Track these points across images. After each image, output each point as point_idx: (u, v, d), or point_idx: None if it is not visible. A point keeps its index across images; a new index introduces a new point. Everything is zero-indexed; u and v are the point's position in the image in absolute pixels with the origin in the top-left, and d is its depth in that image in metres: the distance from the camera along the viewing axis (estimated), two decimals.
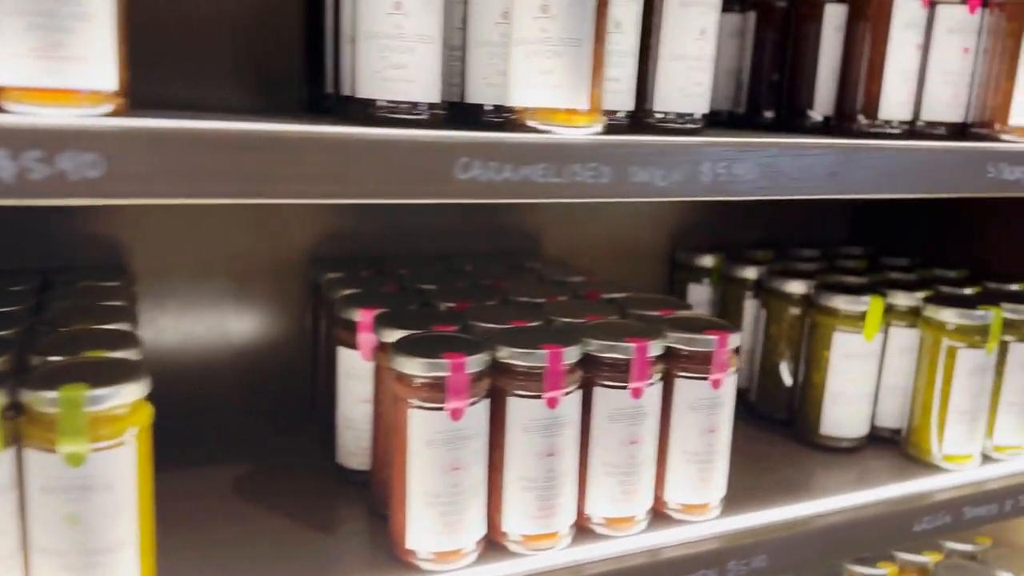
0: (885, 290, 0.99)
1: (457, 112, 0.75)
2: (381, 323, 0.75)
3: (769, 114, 1.05)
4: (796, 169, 0.70)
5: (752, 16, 1.07)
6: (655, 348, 0.74)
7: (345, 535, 0.77)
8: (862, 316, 0.95)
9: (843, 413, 0.98)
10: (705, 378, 0.77)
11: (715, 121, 1.13)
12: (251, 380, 1.03)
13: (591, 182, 0.63)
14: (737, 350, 0.80)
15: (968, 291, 1.02)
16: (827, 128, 0.94)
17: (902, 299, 0.98)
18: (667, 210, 1.27)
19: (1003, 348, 0.95)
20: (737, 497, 0.85)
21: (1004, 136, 0.90)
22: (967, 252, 1.18)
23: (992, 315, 0.91)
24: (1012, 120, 0.89)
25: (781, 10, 1.02)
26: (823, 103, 0.96)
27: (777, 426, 1.06)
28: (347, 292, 0.86)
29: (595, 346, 0.73)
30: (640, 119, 0.79)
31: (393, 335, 0.73)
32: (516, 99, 0.66)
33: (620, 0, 0.74)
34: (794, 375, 1.05)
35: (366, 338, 0.79)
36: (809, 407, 1.00)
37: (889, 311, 0.99)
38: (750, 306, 1.11)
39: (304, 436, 0.96)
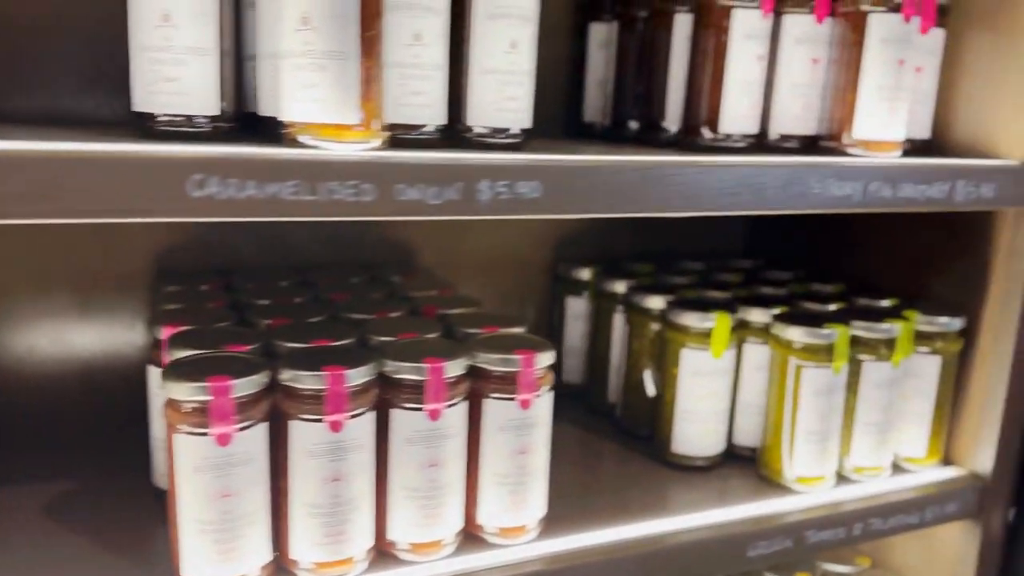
0: (738, 306, 0.97)
1: (255, 125, 0.73)
2: (174, 343, 0.73)
3: (634, 126, 1.03)
4: (586, 187, 0.68)
5: (615, 26, 1.05)
6: (455, 368, 0.72)
7: (143, 557, 0.74)
8: (710, 333, 0.93)
9: (694, 431, 0.96)
10: (513, 399, 0.75)
11: (588, 133, 1.12)
12: (96, 396, 1.00)
13: (352, 200, 0.61)
14: (553, 368, 0.78)
15: (833, 307, 1.00)
16: (678, 141, 0.92)
17: (757, 316, 0.96)
18: (554, 222, 1.24)
19: (857, 367, 0.93)
20: (570, 517, 0.83)
21: (850, 149, 0.87)
22: (852, 266, 1.16)
23: (837, 333, 0.89)
24: (856, 133, 0.87)
25: (642, 20, 1.00)
26: (675, 116, 0.93)
27: (640, 443, 1.03)
28: (167, 307, 0.84)
29: (390, 367, 0.71)
30: (457, 133, 0.77)
31: (181, 354, 0.71)
32: (286, 114, 0.64)
33: (419, 12, 0.72)
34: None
35: (168, 357, 0.76)
36: (662, 425, 0.98)
37: (744, 327, 0.97)
38: (619, 320, 1.09)
39: (139, 454, 0.93)
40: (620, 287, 1.09)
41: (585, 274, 1.16)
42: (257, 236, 1.06)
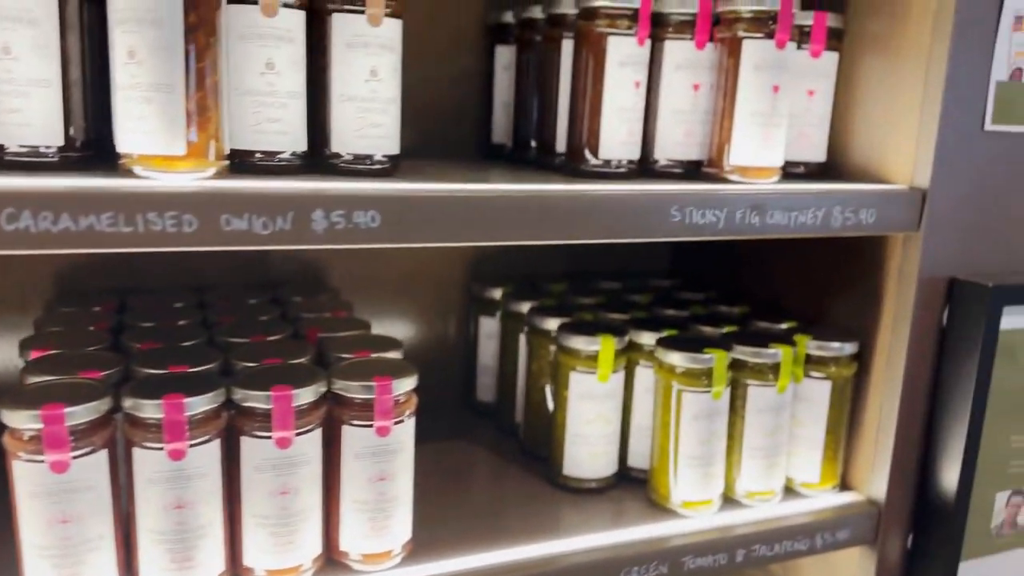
0: (629, 329, 0.97)
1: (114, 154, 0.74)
2: (29, 368, 0.74)
3: (534, 148, 1.03)
4: (425, 217, 0.68)
5: (514, 49, 1.05)
6: (305, 395, 0.72)
7: None
8: (596, 356, 0.93)
9: (584, 454, 0.95)
10: (370, 426, 0.75)
11: (497, 154, 1.12)
12: None
13: (173, 231, 0.61)
14: (415, 393, 0.78)
15: (726, 330, 1.00)
16: (565, 166, 0.92)
17: (647, 339, 0.96)
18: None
19: (743, 392, 0.93)
20: (445, 541, 0.84)
21: (728, 175, 0.87)
22: (764, 287, 1.16)
23: (715, 358, 0.88)
24: (733, 159, 0.87)
25: (536, 44, 1.01)
26: (563, 140, 0.94)
27: (540, 464, 1.03)
28: (43, 331, 0.85)
29: (239, 394, 0.72)
30: (322, 160, 0.78)
31: (36, 380, 0.71)
32: (120, 145, 0.65)
33: (271, 41, 0.72)
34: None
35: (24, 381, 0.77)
36: (555, 447, 0.98)
37: (635, 350, 0.97)
38: (523, 341, 1.09)
39: None
40: (524, 307, 1.09)
41: (496, 294, 1.16)
42: (162, 255, 1.06)
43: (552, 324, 1.01)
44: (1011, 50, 0.90)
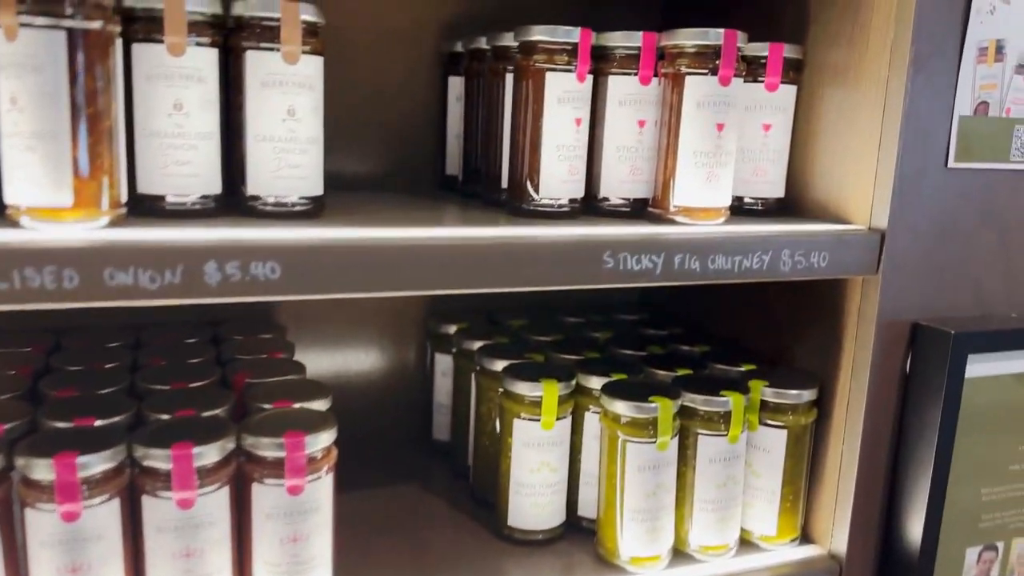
0: (577, 372, 0.93)
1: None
2: None
3: (483, 183, 1.00)
4: (325, 268, 0.64)
5: (462, 81, 1.02)
6: (210, 453, 0.69)
7: None
8: (540, 402, 0.89)
9: (528, 504, 0.91)
10: (280, 484, 0.71)
11: (450, 186, 1.09)
12: None
13: (52, 287, 0.58)
14: (331, 449, 0.74)
15: (680, 373, 0.95)
16: (507, 203, 0.89)
17: (596, 383, 0.92)
18: None
19: (693, 441, 0.88)
20: None
21: (673, 216, 0.83)
22: (728, 325, 1.11)
23: (659, 407, 0.84)
24: (677, 199, 0.83)
25: (483, 75, 0.97)
26: (506, 177, 0.90)
27: (490, 512, 0.99)
28: None
29: (140, 452, 0.68)
30: (239, 203, 0.75)
31: None
32: (6, 196, 0.62)
33: (180, 81, 0.69)
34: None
35: None
36: (499, 496, 0.94)
37: (584, 394, 0.93)
38: (474, 382, 1.05)
39: None
40: (477, 345, 1.05)
41: (452, 329, 1.12)
42: None
43: (500, 365, 0.97)
44: (975, 83, 0.86)
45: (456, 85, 1.05)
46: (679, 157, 0.82)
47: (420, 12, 1.12)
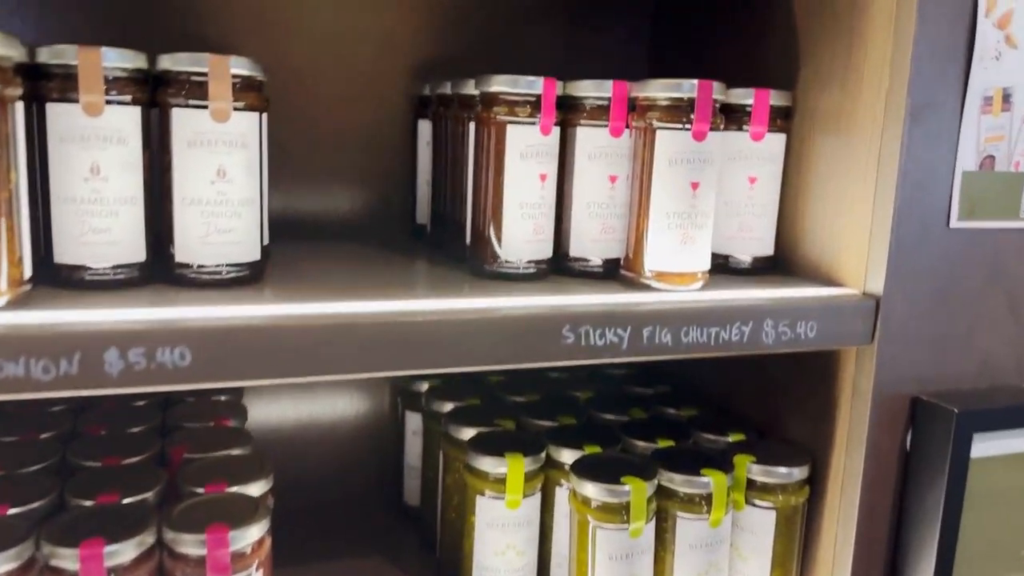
0: (547, 445, 0.85)
1: None
2: None
3: (449, 233, 0.93)
4: (241, 353, 0.58)
5: (429, 126, 0.96)
6: (126, 551, 0.62)
7: None
8: (505, 479, 0.82)
9: None
10: None
11: (420, 234, 1.03)
12: None
13: None
14: (263, 541, 0.68)
15: (661, 444, 0.88)
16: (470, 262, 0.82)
17: (568, 456, 0.85)
18: None
19: (672, 524, 0.81)
20: None
21: (647, 282, 0.76)
22: (719, 385, 1.03)
23: (631, 491, 0.77)
24: (649, 263, 0.76)
25: (450, 122, 0.91)
26: (470, 233, 0.84)
27: None
28: None
29: (46, 550, 0.62)
30: (166, 271, 0.69)
31: None
32: None
33: (96, 143, 0.64)
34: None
35: None
36: None
37: (556, 467, 0.85)
38: (441, 449, 0.98)
39: None
40: (447, 407, 0.98)
41: (423, 387, 1.05)
42: None
43: (467, 434, 0.90)
44: (980, 136, 0.78)
45: (426, 130, 0.99)
46: (651, 218, 0.75)
47: (392, 53, 1.06)
